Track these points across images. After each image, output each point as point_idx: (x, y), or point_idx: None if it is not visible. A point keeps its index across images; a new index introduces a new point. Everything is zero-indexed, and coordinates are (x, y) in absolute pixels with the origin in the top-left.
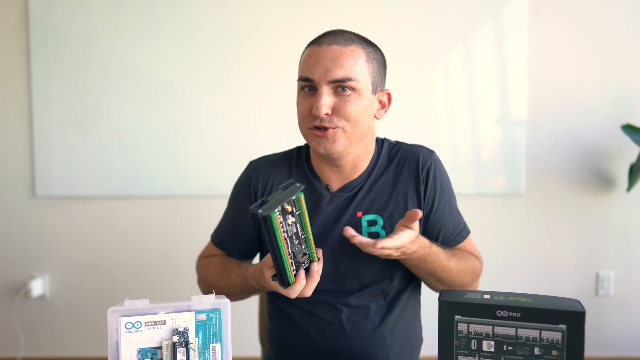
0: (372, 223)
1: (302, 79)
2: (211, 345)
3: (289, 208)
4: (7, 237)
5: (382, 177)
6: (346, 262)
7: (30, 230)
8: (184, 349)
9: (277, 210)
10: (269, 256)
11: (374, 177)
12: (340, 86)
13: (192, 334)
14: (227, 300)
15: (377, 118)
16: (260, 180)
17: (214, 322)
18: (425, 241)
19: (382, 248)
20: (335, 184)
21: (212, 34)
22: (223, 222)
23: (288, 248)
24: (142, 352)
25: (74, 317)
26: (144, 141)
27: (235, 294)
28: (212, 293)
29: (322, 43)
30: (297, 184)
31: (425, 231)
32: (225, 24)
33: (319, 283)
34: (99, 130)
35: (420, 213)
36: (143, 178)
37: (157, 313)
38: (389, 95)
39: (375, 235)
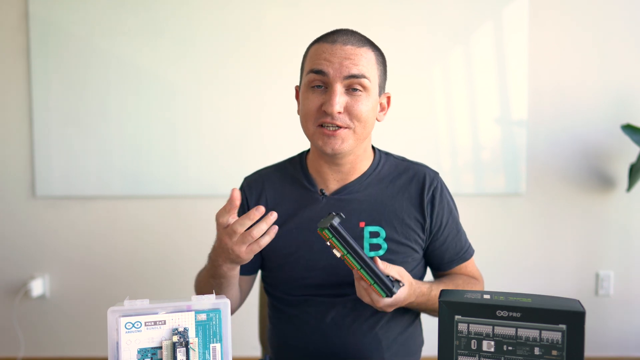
0: (374, 234)
1: (314, 71)
2: (211, 345)
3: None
4: (7, 237)
5: (384, 187)
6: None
7: (30, 230)
8: (184, 349)
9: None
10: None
11: (373, 185)
12: (352, 86)
13: (192, 334)
14: (227, 300)
15: (377, 120)
16: (254, 194)
17: (214, 322)
18: (424, 287)
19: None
20: (333, 185)
21: (213, 34)
22: None
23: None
24: (142, 352)
25: (74, 317)
26: (144, 141)
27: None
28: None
29: (335, 41)
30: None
31: (429, 250)
32: (225, 24)
33: (316, 287)
34: (99, 130)
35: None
36: (143, 178)
37: (157, 313)
38: (388, 98)
39: (376, 247)
